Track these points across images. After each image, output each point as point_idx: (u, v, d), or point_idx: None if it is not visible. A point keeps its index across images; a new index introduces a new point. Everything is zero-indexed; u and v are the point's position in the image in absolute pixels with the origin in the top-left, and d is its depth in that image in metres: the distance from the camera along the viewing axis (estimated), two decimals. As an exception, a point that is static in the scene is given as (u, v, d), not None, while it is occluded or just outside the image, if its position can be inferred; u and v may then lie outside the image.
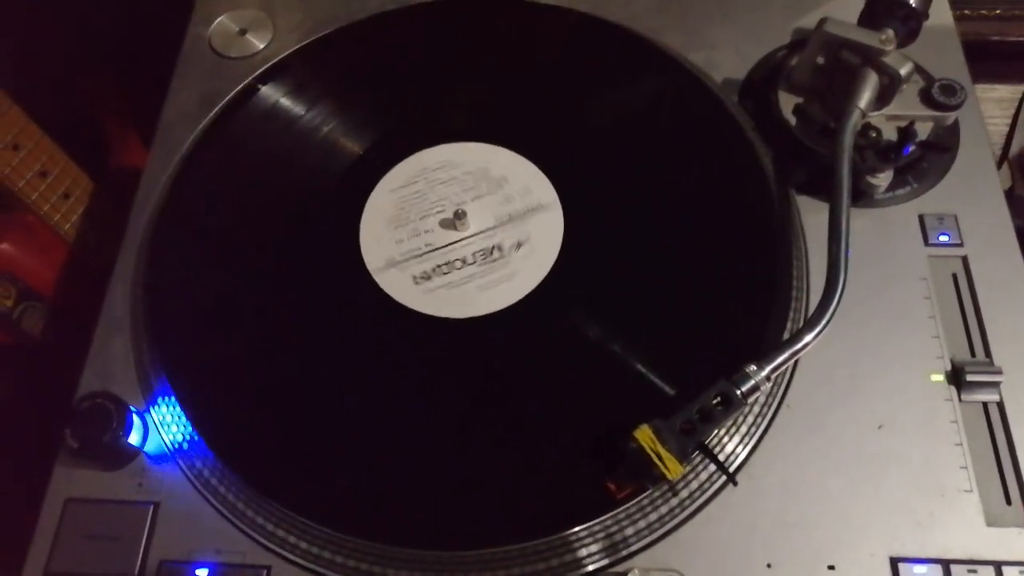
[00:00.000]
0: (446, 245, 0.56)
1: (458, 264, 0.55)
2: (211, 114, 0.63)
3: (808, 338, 0.47)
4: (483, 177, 0.59)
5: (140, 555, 0.47)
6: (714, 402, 0.45)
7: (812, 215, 0.57)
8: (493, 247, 0.56)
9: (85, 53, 0.90)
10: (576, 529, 0.45)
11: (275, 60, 0.66)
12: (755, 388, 0.46)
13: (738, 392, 0.45)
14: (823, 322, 0.47)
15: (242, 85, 0.64)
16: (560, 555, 0.46)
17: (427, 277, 0.54)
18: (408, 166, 0.59)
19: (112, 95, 0.94)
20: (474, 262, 0.55)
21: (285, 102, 0.63)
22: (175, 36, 0.70)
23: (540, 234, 0.56)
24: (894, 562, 0.45)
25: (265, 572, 0.47)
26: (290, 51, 0.66)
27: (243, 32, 0.68)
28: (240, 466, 0.49)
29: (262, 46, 0.67)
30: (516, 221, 0.57)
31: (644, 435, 0.44)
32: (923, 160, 0.59)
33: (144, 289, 0.55)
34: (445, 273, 0.55)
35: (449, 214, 0.56)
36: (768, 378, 0.46)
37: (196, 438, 0.50)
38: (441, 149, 0.60)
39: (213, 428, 0.50)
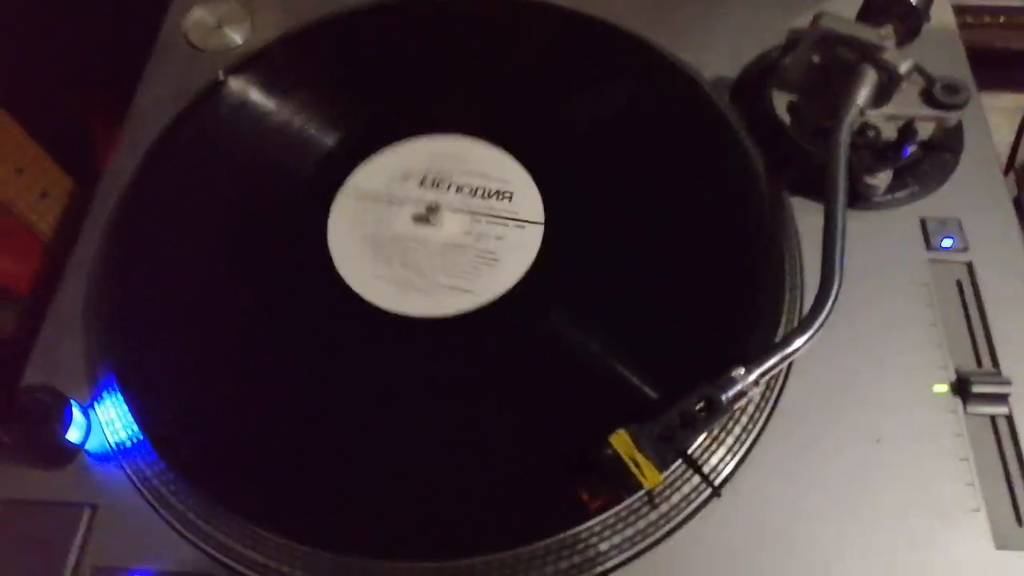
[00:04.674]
0: (423, 242, 0.53)
1: (438, 259, 0.52)
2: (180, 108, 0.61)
3: (799, 342, 0.44)
4: (462, 171, 0.56)
5: (71, 561, 0.43)
6: (697, 407, 0.42)
7: (807, 216, 0.54)
8: (476, 237, 0.53)
9: (72, 59, 0.89)
10: (544, 542, 0.42)
11: (246, 53, 0.64)
12: (741, 393, 0.42)
13: (723, 397, 0.42)
14: (816, 324, 0.44)
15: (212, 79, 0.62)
16: (523, 571, 0.42)
17: (407, 281, 0.51)
18: (377, 165, 0.57)
19: (97, 96, 0.92)
20: (456, 256, 0.52)
21: (254, 96, 0.60)
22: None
23: (519, 229, 0.53)
24: (892, 585, 0.41)
25: (205, 582, 0.43)
26: (262, 44, 0.64)
27: (220, 26, 0.66)
28: (189, 469, 0.45)
29: (240, 40, 0.65)
30: (494, 216, 0.54)
31: (620, 440, 0.40)
32: (924, 162, 0.56)
33: (98, 279, 0.52)
34: (426, 273, 0.51)
35: (421, 210, 0.53)
36: (756, 383, 0.43)
37: (142, 438, 0.47)
38: (413, 144, 0.57)
39: (160, 427, 0.47)
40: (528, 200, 0.54)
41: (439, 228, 0.53)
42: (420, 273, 0.51)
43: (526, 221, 0.53)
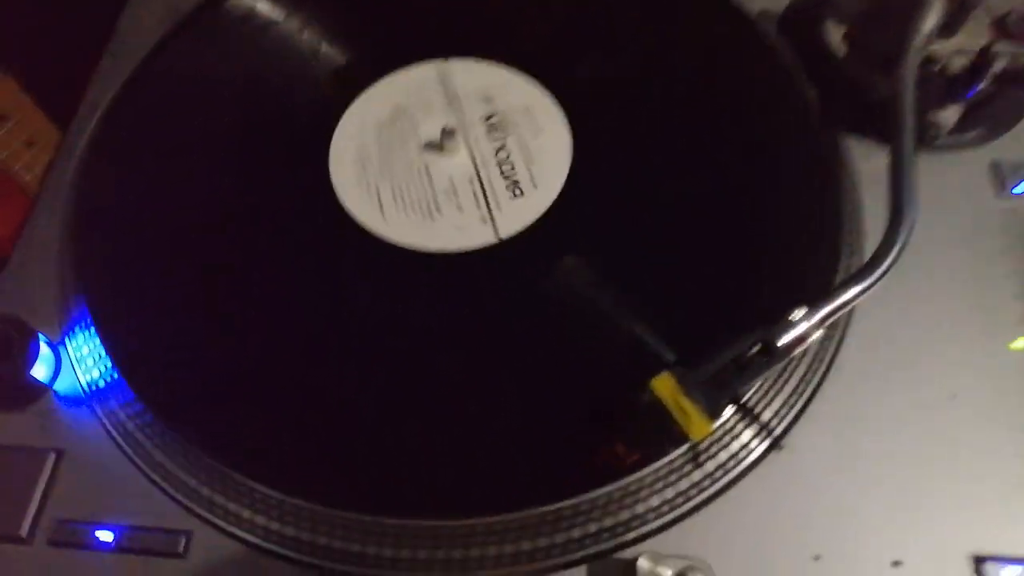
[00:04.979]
0: (440, 173, 0.47)
1: (459, 190, 0.46)
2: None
3: (869, 280, 0.38)
4: (482, 99, 0.50)
5: (31, 511, 0.38)
6: (753, 350, 0.36)
7: (863, 157, 0.49)
8: (498, 162, 0.47)
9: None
10: (572, 501, 0.36)
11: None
12: (802, 338, 0.37)
13: (782, 341, 0.37)
14: (887, 262, 0.38)
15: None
16: (550, 534, 0.36)
17: (430, 214, 0.46)
18: (389, 87, 0.51)
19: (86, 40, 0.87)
20: (477, 184, 0.47)
21: (247, 17, 0.54)
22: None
23: (544, 162, 0.48)
24: (977, 561, 0.36)
25: (184, 538, 0.38)
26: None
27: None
28: (168, 411, 0.40)
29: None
30: (515, 147, 0.48)
31: (664, 384, 0.35)
32: (994, 101, 0.50)
33: (74, 203, 0.47)
34: (444, 205, 0.46)
35: (435, 136, 0.48)
36: (820, 325, 0.37)
37: (116, 377, 0.41)
38: (429, 67, 0.52)
39: (137, 364, 0.41)
40: (557, 136, 0.49)
41: (453, 156, 0.47)
42: (430, 204, 0.46)
43: (553, 152, 0.48)
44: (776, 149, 0.48)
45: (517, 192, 0.46)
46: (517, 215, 0.45)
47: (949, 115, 0.47)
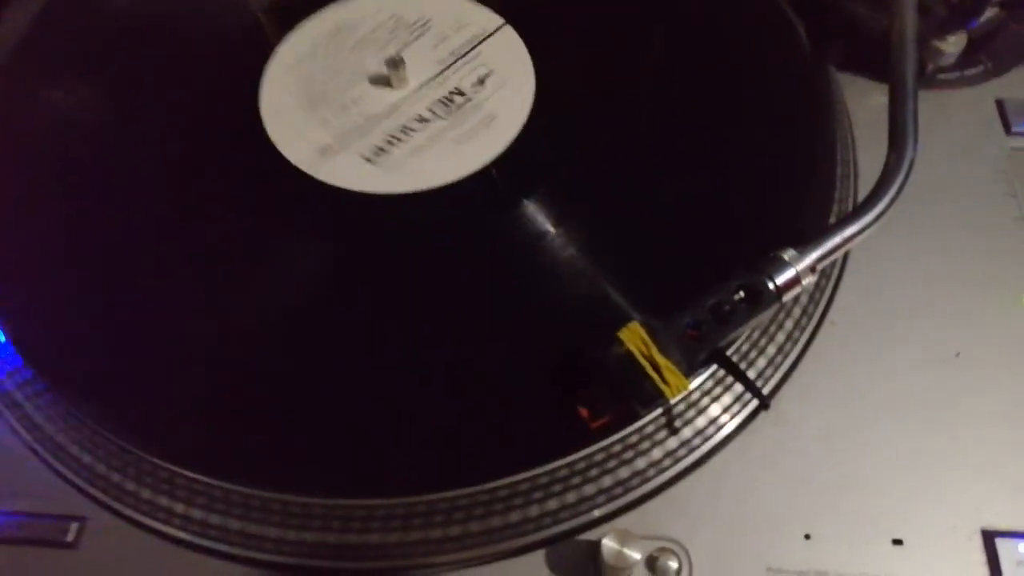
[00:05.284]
0: (390, 108, 0.42)
1: (415, 124, 0.41)
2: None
3: (867, 218, 0.34)
4: (398, 26, 0.45)
5: None
6: (736, 296, 0.32)
7: (857, 95, 0.44)
8: (451, 92, 0.41)
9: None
10: (529, 474, 0.31)
11: None
12: (794, 281, 0.32)
13: (770, 284, 0.32)
14: (886, 199, 0.34)
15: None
16: (504, 512, 0.31)
17: (381, 151, 0.40)
18: (299, 37, 0.45)
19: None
20: (435, 116, 0.41)
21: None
22: None
23: (502, 62, 0.42)
24: (988, 536, 0.31)
25: (76, 525, 0.32)
26: None
27: None
28: (62, 379, 0.34)
29: None
30: (464, 57, 0.43)
31: (634, 335, 0.30)
32: (997, 36, 0.46)
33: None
34: (401, 140, 0.40)
35: (380, 68, 0.42)
36: (812, 269, 0.32)
37: (3, 340, 0.35)
38: (332, 10, 0.46)
39: (27, 327, 0.35)
40: (520, 69, 0.43)
41: (401, 89, 0.42)
42: (374, 140, 0.40)
43: (513, 85, 0.42)
44: (763, 80, 0.42)
45: (477, 127, 0.40)
46: (474, 152, 0.39)
47: (952, 44, 0.43)
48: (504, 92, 0.41)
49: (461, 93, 0.41)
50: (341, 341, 0.34)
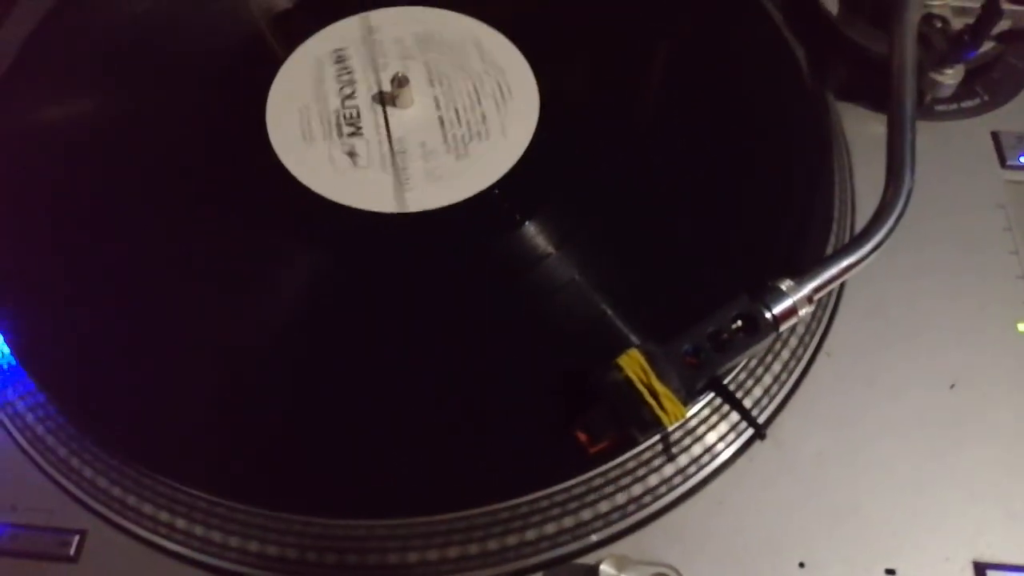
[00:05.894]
0: (396, 127, 0.42)
1: (418, 144, 0.41)
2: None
3: (865, 249, 0.34)
4: (405, 44, 0.45)
5: None
6: (734, 325, 0.32)
7: (855, 124, 0.45)
8: (454, 111, 0.42)
9: None
10: (528, 498, 0.31)
11: None
12: (791, 311, 0.33)
13: (768, 314, 0.32)
14: (884, 229, 0.35)
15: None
16: (502, 535, 0.31)
17: (384, 169, 0.40)
18: (302, 54, 0.46)
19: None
20: (439, 135, 0.41)
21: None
22: None
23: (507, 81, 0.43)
24: (980, 568, 0.32)
25: (77, 538, 0.33)
26: None
27: None
28: (68, 397, 0.34)
29: None
30: (469, 77, 0.43)
31: (633, 362, 0.30)
32: (994, 69, 0.47)
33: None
34: (406, 159, 0.40)
35: (386, 86, 0.42)
36: (810, 299, 0.33)
37: (6, 352, 0.36)
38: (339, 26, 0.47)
39: (32, 345, 0.36)
40: (524, 87, 0.44)
41: (406, 108, 0.42)
42: (376, 160, 0.40)
43: (518, 104, 0.43)
44: (762, 108, 0.43)
45: (471, 149, 0.41)
46: (478, 173, 0.40)
47: (950, 76, 0.43)
48: (507, 113, 0.42)
49: (464, 112, 0.42)
50: (342, 362, 0.34)
